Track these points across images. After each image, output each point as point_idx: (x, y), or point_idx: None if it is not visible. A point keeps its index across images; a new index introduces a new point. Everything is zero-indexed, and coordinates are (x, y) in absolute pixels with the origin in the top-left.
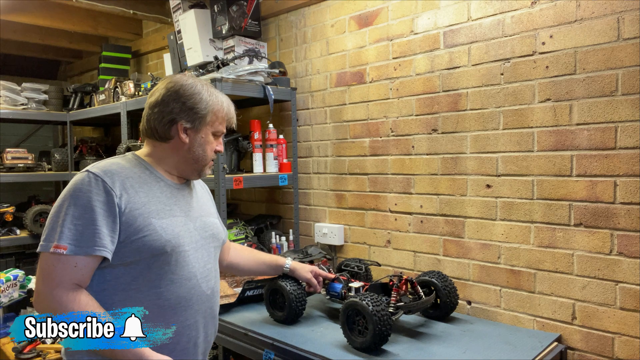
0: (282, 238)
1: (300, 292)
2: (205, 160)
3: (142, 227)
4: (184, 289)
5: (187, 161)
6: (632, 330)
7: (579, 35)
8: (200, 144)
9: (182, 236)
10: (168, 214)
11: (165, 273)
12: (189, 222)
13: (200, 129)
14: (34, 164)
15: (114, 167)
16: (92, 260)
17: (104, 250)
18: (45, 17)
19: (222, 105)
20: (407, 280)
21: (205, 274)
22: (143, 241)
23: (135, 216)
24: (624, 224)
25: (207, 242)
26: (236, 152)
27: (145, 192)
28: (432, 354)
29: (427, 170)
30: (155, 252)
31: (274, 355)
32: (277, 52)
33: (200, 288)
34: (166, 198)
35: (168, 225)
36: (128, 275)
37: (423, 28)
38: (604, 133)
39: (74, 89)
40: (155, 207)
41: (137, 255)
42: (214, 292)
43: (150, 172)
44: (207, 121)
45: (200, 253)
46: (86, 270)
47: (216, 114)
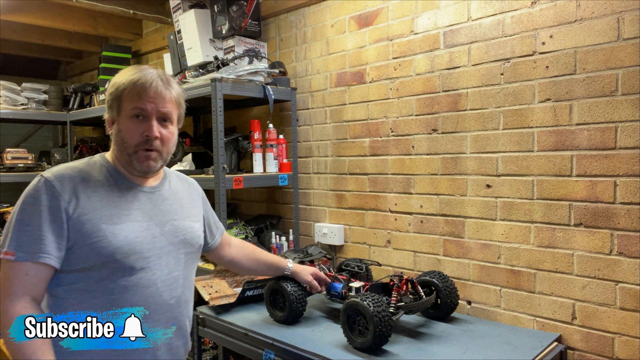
0: (282, 238)
1: (300, 292)
2: (127, 148)
3: (90, 233)
4: (139, 297)
5: (118, 154)
6: (632, 330)
7: (579, 35)
8: (119, 130)
9: (140, 242)
10: (125, 219)
11: (119, 280)
12: (154, 227)
13: (119, 117)
14: (34, 164)
15: (69, 171)
16: (43, 269)
17: (47, 257)
18: (45, 17)
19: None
20: (408, 280)
21: (170, 282)
22: (91, 247)
23: (83, 222)
24: (624, 224)
25: (176, 247)
26: (236, 152)
27: (99, 197)
28: (432, 354)
29: (427, 170)
30: (104, 260)
31: (274, 355)
32: (277, 52)
33: (161, 297)
34: (126, 202)
35: (121, 231)
36: (81, 281)
37: (423, 28)
38: (604, 133)
39: (74, 89)
40: (109, 211)
41: (87, 262)
42: (181, 302)
43: (111, 175)
44: (121, 106)
45: (165, 260)
46: (38, 280)
47: (127, 93)
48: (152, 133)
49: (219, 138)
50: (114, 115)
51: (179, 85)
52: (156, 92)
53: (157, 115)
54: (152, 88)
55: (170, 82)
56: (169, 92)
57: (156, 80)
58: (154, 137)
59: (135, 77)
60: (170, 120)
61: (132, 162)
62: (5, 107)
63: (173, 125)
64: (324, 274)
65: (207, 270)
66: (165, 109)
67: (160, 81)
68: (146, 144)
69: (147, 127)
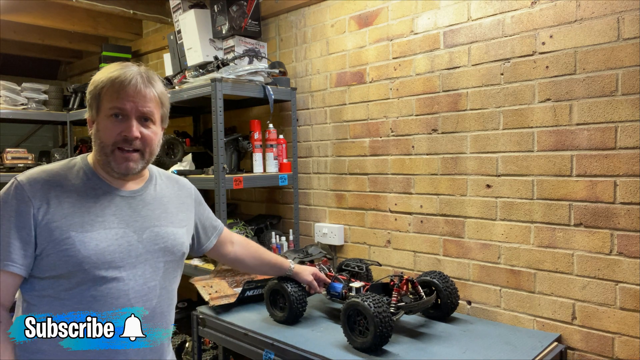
0: (282, 238)
1: (301, 293)
2: (104, 148)
3: (58, 241)
4: (109, 308)
5: (96, 155)
6: (632, 330)
7: (579, 35)
8: (97, 130)
9: (113, 251)
10: (98, 227)
11: (87, 290)
12: (131, 234)
13: (97, 116)
14: (34, 164)
15: (43, 174)
16: (9, 276)
17: (12, 266)
18: (45, 17)
19: (107, 78)
20: (408, 280)
21: (144, 292)
22: (59, 256)
23: (52, 229)
24: (624, 224)
25: (155, 256)
26: (236, 152)
27: (71, 203)
28: (432, 354)
29: (427, 170)
30: (71, 269)
31: (274, 355)
32: (277, 52)
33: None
34: (100, 208)
35: (91, 240)
36: (50, 289)
37: (423, 28)
38: (604, 133)
39: (74, 89)
40: (80, 219)
41: (55, 271)
42: (156, 313)
43: (88, 179)
44: (99, 104)
45: (140, 269)
46: (7, 287)
47: (105, 92)
48: (131, 133)
49: (219, 138)
50: (93, 114)
51: (161, 83)
52: (136, 91)
53: (137, 114)
54: (131, 86)
55: (151, 80)
56: (150, 90)
57: (136, 78)
58: (133, 137)
59: (114, 74)
60: (152, 119)
61: (109, 163)
62: (5, 107)
63: (155, 125)
64: (323, 275)
65: (207, 270)
66: (146, 109)
67: (140, 78)
68: (125, 144)
69: (126, 127)
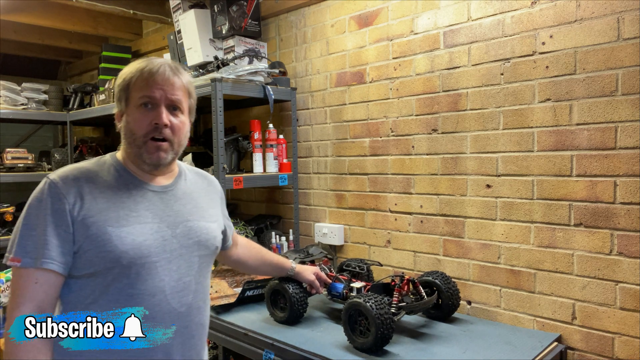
0: (282, 238)
1: (302, 293)
2: (136, 139)
3: (95, 236)
4: (146, 305)
5: (127, 149)
6: (632, 330)
7: (579, 35)
8: (127, 122)
9: (149, 246)
10: (133, 221)
11: (124, 287)
12: (166, 228)
13: (127, 108)
14: (34, 164)
15: (75, 172)
16: (50, 276)
17: (51, 263)
18: (45, 17)
19: (135, 69)
20: (409, 280)
21: (179, 288)
22: (96, 252)
23: (88, 225)
24: (624, 224)
25: (190, 250)
26: (236, 152)
27: (106, 198)
28: (432, 354)
29: (427, 170)
30: (109, 265)
31: (274, 355)
32: (277, 52)
33: (169, 305)
34: (134, 203)
35: (128, 234)
36: (87, 288)
37: (423, 28)
38: (604, 133)
39: (74, 89)
40: (115, 213)
41: (91, 268)
42: (192, 309)
43: (119, 175)
44: (128, 96)
45: (175, 264)
46: (48, 288)
47: (134, 83)
48: (161, 120)
49: (219, 138)
50: (122, 107)
51: (189, 74)
52: (164, 79)
53: (166, 102)
54: (159, 74)
55: (179, 70)
56: (177, 79)
57: (164, 67)
58: (163, 124)
59: (142, 65)
60: (180, 108)
61: (141, 155)
62: (5, 107)
63: (184, 115)
64: (324, 275)
65: None
66: (175, 96)
67: (168, 68)
68: (155, 133)
69: (156, 115)
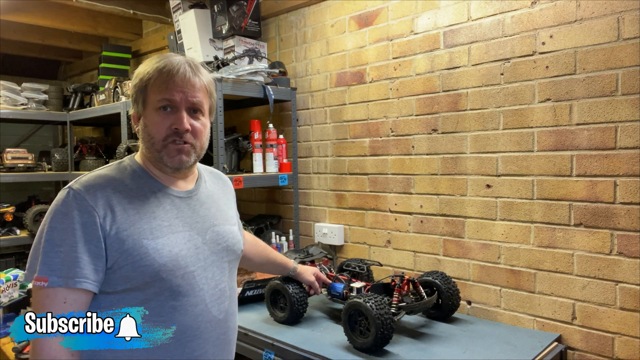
0: (282, 238)
1: (302, 293)
2: (155, 143)
3: (131, 250)
4: (190, 317)
5: (147, 152)
6: (632, 330)
7: (579, 35)
8: (145, 125)
9: (185, 256)
10: (166, 231)
11: (166, 300)
12: (196, 236)
13: (144, 110)
14: (34, 164)
15: (100, 180)
16: (81, 295)
17: (84, 282)
18: (45, 17)
19: (153, 69)
20: (409, 280)
21: (217, 295)
22: (133, 267)
23: (123, 238)
24: (624, 224)
25: (220, 257)
26: (236, 152)
27: (135, 209)
28: (432, 354)
29: (427, 170)
30: (148, 280)
31: (274, 355)
32: (277, 52)
33: (211, 314)
34: (164, 212)
35: (164, 246)
36: (124, 303)
37: (423, 28)
38: (604, 133)
39: (74, 89)
40: (148, 225)
41: (128, 284)
42: (228, 315)
43: (144, 182)
44: (146, 98)
45: (210, 272)
46: (78, 307)
47: (150, 83)
48: (182, 125)
49: (219, 138)
50: (139, 109)
51: (208, 73)
52: (184, 80)
53: (186, 105)
54: (179, 75)
55: (199, 69)
56: (198, 79)
57: (184, 66)
58: (185, 129)
59: (160, 64)
60: (201, 111)
61: (162, 158)
62: (5, 107)
63: (205, 117)
64: (324, 275)
65: None
66: (196, 99)
67: (188, 67)
68: (176, 137)
69: (177, 119)
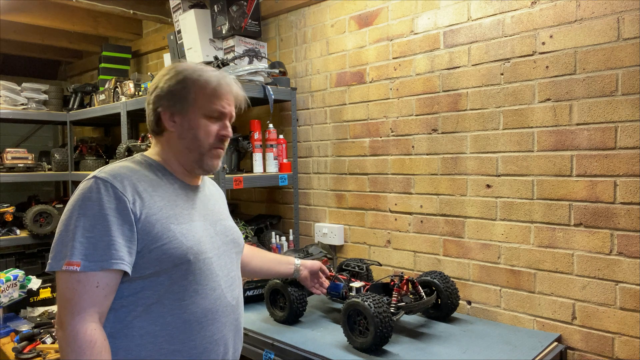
0: (282, 238)
1: (301, 292)
2: (201, 147)
3: (161, 234)
4: (210, 300)
5: (182, 152)
6: (632, 330)
7: (579, 35)
8: (190, 128)
9: (204, 242)
10: (187, 219)
11: (190, 283)
12: (209, 226)
13: (186, 112)
14: (34, 164)
15: (123, 170)
16: (114, 277)
17: (121, 264)
18: (45, 17)
19: (209, 81)
20: (409, 280)
21: (230, 282)
22: (163, 249)
23: (153, 222)
24: (624, 224)
25: (229, 247)
26: (236, 152)
27: (160, 196)
28: (432, 354)
29: (427, 170)
30: (177, 262)
31: (274, 355)
32: (277, 52)
33: (226, 298)
34: (183, 202)
35: (188, 231)
36: (148, 288)
37: (423, 28)
38: (604, 133)
39: (74, 89)
40: (172, 211)
41: (158, 266)
42: (239, 302)
43: (162, 174)
44: (191, 101)
45: (223, 260)
46: (109, 290)
47: (202, 91)
48: (229, 134)
49: None
50: (178, 109)
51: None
52: (235, 95)
53: (230, 117)
54: (233, 91)
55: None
56: (242, 93)
57: (236, 83)
58: (229, 137)
59: (215, 73)
60: (232, 120)
61: (202, 161)
62: (5, 107)
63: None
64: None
65: None
66: (235, 111)
67: (237, 84)
68: (220, 143)
69: (223, 127)
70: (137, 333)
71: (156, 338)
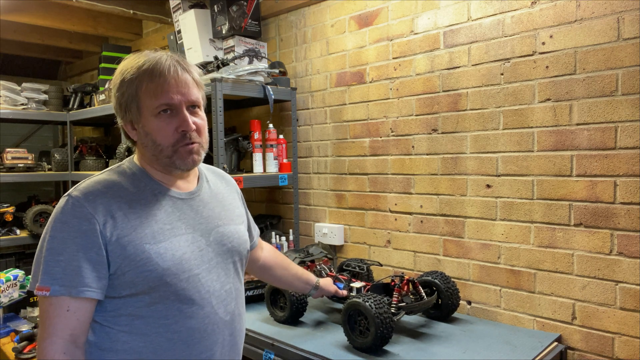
0: (282, 238)
1: (301, 293)
2: (163, 150)
3: (134, 256)
4: (197, 319)
5: (152, 159)
6: (632, 330)
7: (579, 35)
8: (147, 133)
9: (189, 259)
10: (168, 235)
11: (172, 303)
12: (200, 238)
13: (139, 118)
14: (34, 164)
15: (99, 186)
16: (84, 303)
17: (88, 291)
18: (45, 17)
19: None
20: (409, 280)
21: (223, 297)
22: (137, 272)
23: (124, 244)
24: (624, 224)
25: (225, 258)
26: (236, 152)
27: (137, 213)
28: (432, 354)
29: (427, 170)
30: (152, 284)
31: (274, 355)
32: (277, 52)
33: (217, 315)
34: (166, 214)
35: (167, 250)
36: (130, 306)
37: (423, 28)
38: (604, 133)
39: (74, 89)
40: (150, 229)
41: (134, 289)
42: (235, 316)
43: (145, 184)
44: (139, 105)
45: (215, 273)
46: (81, 315)
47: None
48: (189, 127)
49: (219, 138)
50: (134, 117)
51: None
52: (178, 80)
53: (186, 105)
54: (172, 76)
55: (187, 63)
56: (189, 75)
57: (173, 65)
58: (191, 129)
59: (147, 66)
60: (198, 106)
61: (173, 163)
62: (5, 107)
63: (202, 110)
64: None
65: None
66: (193, 96)
67: (178, 65)
68: (184, 140)
69: (181, 121)
70: (121, 347)
71: (141, 355)
